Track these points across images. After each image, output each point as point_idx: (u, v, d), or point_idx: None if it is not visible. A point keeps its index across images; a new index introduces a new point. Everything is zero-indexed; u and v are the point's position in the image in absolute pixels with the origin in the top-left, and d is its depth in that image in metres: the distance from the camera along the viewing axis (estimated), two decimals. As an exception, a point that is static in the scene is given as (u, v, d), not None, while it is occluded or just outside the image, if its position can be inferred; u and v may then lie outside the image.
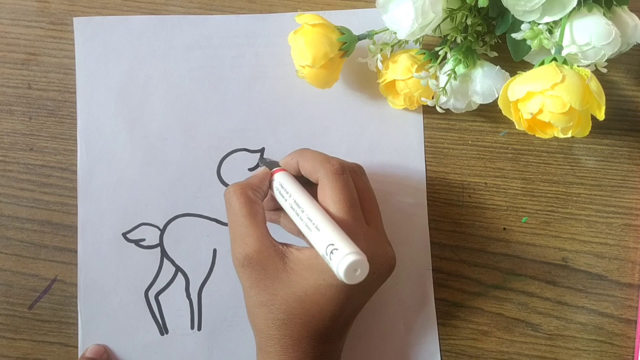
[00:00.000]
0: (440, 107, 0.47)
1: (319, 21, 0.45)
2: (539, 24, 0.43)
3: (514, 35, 0.44)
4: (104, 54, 0.50)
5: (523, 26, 0.44)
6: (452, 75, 0.45)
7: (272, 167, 0.44)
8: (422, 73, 0.45)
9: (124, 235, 0.48)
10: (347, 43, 0.46)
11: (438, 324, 0.49)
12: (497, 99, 0.44)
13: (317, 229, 0.37)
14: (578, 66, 0.41)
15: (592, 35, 0.42)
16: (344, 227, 0.37)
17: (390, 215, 0.49)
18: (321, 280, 0.39)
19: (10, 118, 0.49)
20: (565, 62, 0.41)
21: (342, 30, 0.46)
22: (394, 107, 0.49)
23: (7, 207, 0.49)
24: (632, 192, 0.50)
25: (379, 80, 0.48)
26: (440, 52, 0.46)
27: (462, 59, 0.45)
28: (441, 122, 0.50)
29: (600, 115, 0.41)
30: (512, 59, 0.45)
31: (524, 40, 0.44)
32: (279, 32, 0.50)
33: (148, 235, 0.49)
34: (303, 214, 0.39)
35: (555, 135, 0.42)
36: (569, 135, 0.41)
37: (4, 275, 0.48)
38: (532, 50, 0.44)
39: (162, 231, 0.49)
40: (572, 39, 0.42)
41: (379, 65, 0.47)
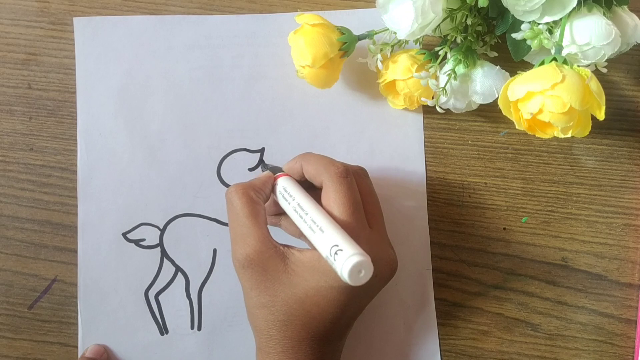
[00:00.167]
0: (440, 107, 0.47)
1: (319, 21, 0.45)
2: (539, 24, 0.43)
3: (514, 35, 0.44)
4: (104, 54, 0.50)
5: (523, 26, 0.44)
6: (452, 75, 0.45)
7: (275, 172, 0.44)
8: (422, 73, 0.45)
9: (124, 235, 0.48)
10: (347, 43, 0.46)
11: (438, 324, 0.49)
12: (497, 99, 0.44)
13: (321, 231, 0.37)
14: (578, 66, 0.41)
15: (592, 35, 0.42)
16: (347, 230, 0.37)
17: (391, 215, 0.49)
18: (322, 282, 0.39)
19: (10, 118, 0.49)
20: (565, 62, 0.41)
21: (342, 30, 0.46)
22: (394, 107, 0.49)
23: (7, 207, 0.49)
24: (632, 192, 0.50)
25: (379, 80, 0.48)
26: (440, 52, 0.46)
27: (462, 59, 0.45)
28: (441, 122, 0.50)
29: (600, 115, 0.41)
30: (512, 59, 0.45)
31: (524, 40, 0.44)
32: (279, 32, 0.50)
33: (148, 235, 0.49)
34: (307, 217, 0.39)
35: (555, 135, 0.42)
36: (569, 135, 0.41)
37: (4, 275, 0.48)
38: (532, 50, 0.44)
39: (162, 231, 0.49)
40: (572, 39, 0.42)
41: (379, 65, 0.47)
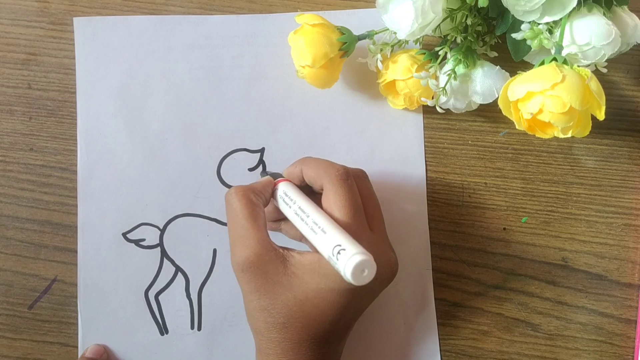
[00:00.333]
0: (440, 107, 0.47)
1: (319, 21, 0.45)
2: (539, 24, 0.43)
3: (514, 35, 0.44)
4: (104, 54, 0.50)
5: (523, 26, 0.44)
6: (452, 75, 0.45)
7: (275, 178, 0.43)
8: (422, 73, 0.45)
9: (124, 235, 0.48)
10: (347, 43, 0.46)
11: (438, 324, 0.49)
12: (497, 99, 0.44)
13: (323, 232, 0.37)
14: (578, 66, 0.41)
15: (592, 35, 0.42)
16: (348, 232, 0.37)
17: (391, 216, 0.48)
18: (323, 284, 0.39)
19: (10, 118, 0.49)
20: (565, 62, 0.41)
21: (342, 30, 0.46)
22: (394, 107, 0.49)
23: (7, 207, 0.49)
24: (632, 192, 0.50)
25: (379, 80, 0.48)
26: (440, 52, 0.46)
27: (462, 59, 0.45)
28: (441, 122, 0.50)
29: (600, 115, 0.41)
30: (512, 59, 0.45)
31: (524, 40, 0.44)
32: (279, 32, 0.50)
33: (148, 235, 0.49)
34: (308, 219, 0.38)
35: (555, 135, 0.42)
36: (569, 135, 0.41)
37: (4, 275, 0.48)
38: (532, 50, 0.44)
39: (162, 231, 0.49)
40: (572, 39, 0.42)
41: (379, 65, 0.47)
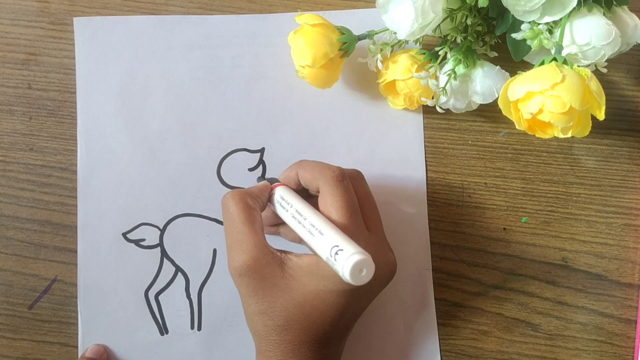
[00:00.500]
0: (440, 107, 0.47)
1: (319, 21, 0.45)
2: (539, 24, 0.43)
3: (514, 35, 0.44)
4: (104, 54, 0.50)
5: (523, 26, 0.44)
6: (452, 75, 0.45)
7: (272, 183, 0.43)
8: (422, 73, 0.45)
9: (124, 235, 0.48)
10: (347, 43, 0.46)
11: (438, 324, 0.49)
12: (497, 99, 0.44)
13: (321, 233, 0.37)
14: (578, 66, 0.41)
15: (592, 35, 0.42)
16: (345, 233, 0.37)
17: (391, 216, 0.49)
18: (321, 286, 0.39)
19: (10, 118, 0.49)
20: (565, 62, 0.41)
21: (342, 30, 0.46)
22: (394, 107, 0.49)
23: (7, 207, 0.49)
24: (632, 192, 0.50)
25: (379, 80, 0.48)
26: (440, 52, 0.46)
27: (462, 59, 0.45)
28: (441, 122, 0.50)
29: (600, 115, 0.41)
30: (512, 59, 0.45)
31: (524, 40, 0.44)
32: (279, 32, 0.50)
33: (148, 235, 0.49)
34: (305, 221, 0.38)
35: (555, 135, 0.42)
36: (569, 135, 0.41)
37: (4, 275, 0.48)
38: (532, 50, 0.44)
39: (162, 231, 0.49)
40: (572, 39, 0.42)
41: (379, 65, 0.47)
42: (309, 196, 0.43)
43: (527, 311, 0.49)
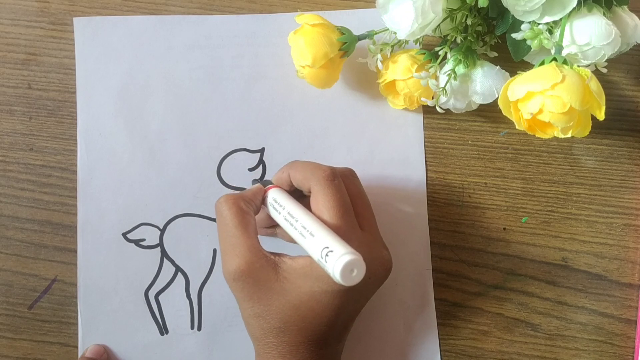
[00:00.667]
0: (440, 107, 0.47)
1: (319, 21, 0.45)
2: (539, 24, 0.43)
3: (514, 35, 0.44)
4: (104, 54, 0.50)
5: (523, 26, 0.44)
6: (452, 75, 0.45)
7: (266, 185, 0.43)
8: (422, 73, 0.45)
9: (124, 235, 0.48)
10: (347, 43, 0.46)
11: (438, 324, 0.49)
12: (497, 99, 0.44)
13: (312, 235, 0.37)
14: (578, 66, 0.41)
15: (592, 35, 0.42)
16: (338, 233, 0.37)
17: (390, 216, 0.49)
18: (316, 287, 0.39)
19: (10, 118, 0.49)
20: (565, 62, 0.41)
21: (342, 30, 0.46)
22: (394, 107, 0.49)
23: (7, 207, 0.49)
24: (632, 192, 0.50)
25: (379, 80, 0.48)
26: (440, 52, 0.46)
27: (462, 59, 0.45)
28: (441, 122, 0.50)
29: (600, 115, 0.41)
30: (512, 59, 0.45)
31: (524, 40, 0.44)
32: (279, 32, 0.50)
33: (148, 235, 0.49)
34: (297, 223, 0.39)
35: (555, 135, 0.42)
36: (569, 135, 0.41)
37: (4, 275, 0.48)
38: (532, 50, 0.44)
39: (162, 231, 0.49)
40: (572, 39, 0.42)
41: (379, 65, 0.47)
42: (302, 197, 0.43)
43: (527, 311, 0.49)
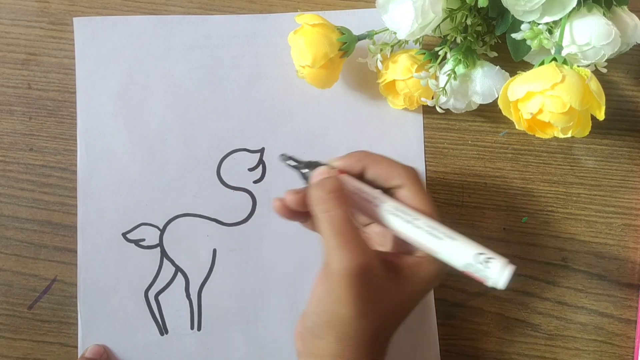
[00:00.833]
0: (440, 107, 0.47)
1: (319, 21, 0.45)
2: (539, 24, 0.43)
3: (514, 35, 0.44)
4: (104, 54, 0.50)
5: (523, 26, 0.44)
6: (452, 75, 0.45)
7: (312, 167, 0.41)
8: (422, 73, 0.45)
9: (124, 235, 0.48)
10: (347, 43, 0.46)
11: (438, 324, 0.49)
12: (497, 99, 0.44)
13: (451, 238, 0.38)
14: (578, 66, 0.41)
15: (592, 35, 0.42)
16: None
17: (390, 215, 0.49)
18: (418, 287, 0.39)
19: (10, 118, 0.49)
20: (565, 62, 0.41)
21: (342, 30, 0.46)
22: (394, 107, 0.49)
23: (7, 207, 0.49)
24: (632, 192, 0.50)
25: (379, 80, 0.48)
26: (440, 52, 0.46)
27: (462, 59, 0.45)
28: (441, 122, 0.50)
29: (600, 115, 0.41)
30: (512, 59, 0.45)
31: (524, 40, 0.44)
32: (279, 32, 0.50)
33: (148, 235, 0.49)
34: (418, 222, 0.38)
35: (555, 135, 0.42)
36: (569, 135, 0.41)
37: (4, 275, 0.48)
38: (532, 50, 0.44)
39: (162, 231, 0.49)
40: (572, 39, 0.42)
41: (379, 65, 0.47)
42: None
43: (527, 311, 0.49)
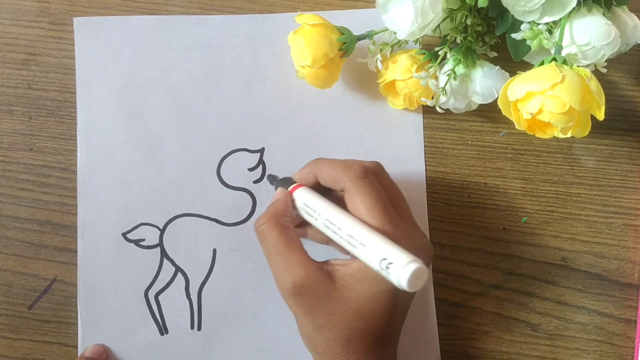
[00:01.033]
0: (440, 107, 0.47)
1: (318, 21, 0.45)
2: (539, 24, 0.43)
3: (513, 35, 0.44)
4: (104, 54, 0.50)
5: (523, 26, 0.44)
6: (452, 75, 0.45)
7: (286, 185, 0.42)
8: (422, 73, 0.45)
9: (124, 235, 0.48)
10: (347, 43, 0.46)
11: (438, 324, 0.49)
12: (497, 99, 0.44)
13: (362, 245, 0.37)
14: (578, 66, 0.41)
15: (591, 35, 0.42)
16: (383, 233, 0.37)
17: (390, 215, 0.48)
18: (374, 289, 0.38)
19: (10, 118, 0.49)
20: (565, 62, 0.41)
21: (342, 30, 0.46)
22: (394, 107, 0.49)
23: (7, 207, 0.49)
24: (632, 192, 0.50)
25: (379, 80, 0.48)
26: (440, 52, 0.46)
27: (462, 59, 0.45)
28: (441, 122, 0.50)
29: (600, 115, 0.41)
30: (512, 59, 0.45)
31: (524, 40, 0.44)
32: (278, 32, 0.50)
33: (148, 235, 0.49)
34: (341, 232, 0.38)
35: (555, 135, 0.42)
36: (569, 135, 0.41)
37: (4, 275, 0.48)
38: (532, 50, 0.44)
39: (162, 231, 0.49)
40: (572, 39, 0.42)
41: (379, 65, 0.47)
42: (325, 190, 0.42)
43: (526, 311, 0.49)
